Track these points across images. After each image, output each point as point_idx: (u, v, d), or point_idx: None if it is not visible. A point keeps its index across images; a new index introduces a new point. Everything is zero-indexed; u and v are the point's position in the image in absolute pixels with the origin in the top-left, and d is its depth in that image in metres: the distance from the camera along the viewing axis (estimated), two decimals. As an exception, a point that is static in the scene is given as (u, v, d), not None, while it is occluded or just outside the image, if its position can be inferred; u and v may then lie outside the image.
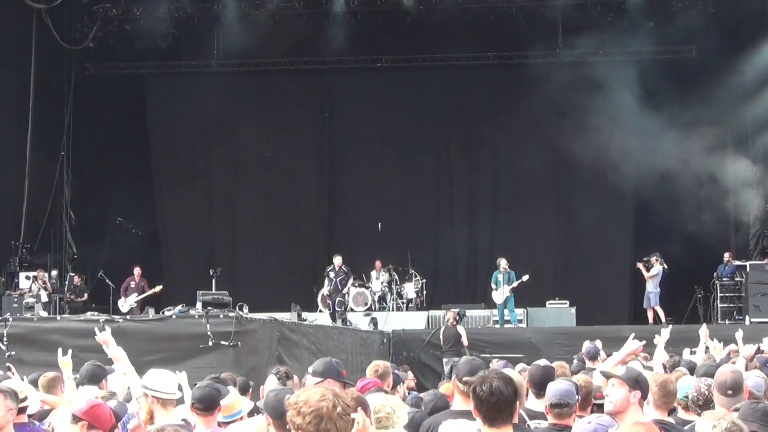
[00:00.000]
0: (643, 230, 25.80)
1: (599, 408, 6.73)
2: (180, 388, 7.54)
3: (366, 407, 6.53)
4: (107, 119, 27.66)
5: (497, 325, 22.96)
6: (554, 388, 6.50)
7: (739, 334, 13.39)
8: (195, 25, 27.08)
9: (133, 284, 23.07)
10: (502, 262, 22.96)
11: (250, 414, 7.05)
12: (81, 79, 27.49)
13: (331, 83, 28.34)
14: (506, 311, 22.86)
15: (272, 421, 5.64)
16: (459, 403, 6.22)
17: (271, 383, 7.32)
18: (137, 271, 23.30)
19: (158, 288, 22.69)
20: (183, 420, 7.13)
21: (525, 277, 22.61)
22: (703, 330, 12.95)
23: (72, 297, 23.66)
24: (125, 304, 22.54)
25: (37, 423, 7.15)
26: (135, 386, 7.49)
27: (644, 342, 7.80)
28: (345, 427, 3.81)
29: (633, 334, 8.01)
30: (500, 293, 22.80)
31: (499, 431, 4.93)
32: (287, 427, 3.97)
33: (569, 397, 6.41)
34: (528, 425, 6.46)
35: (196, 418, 6.98)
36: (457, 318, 20.77)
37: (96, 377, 8.61)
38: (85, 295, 24.37)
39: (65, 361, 8.16)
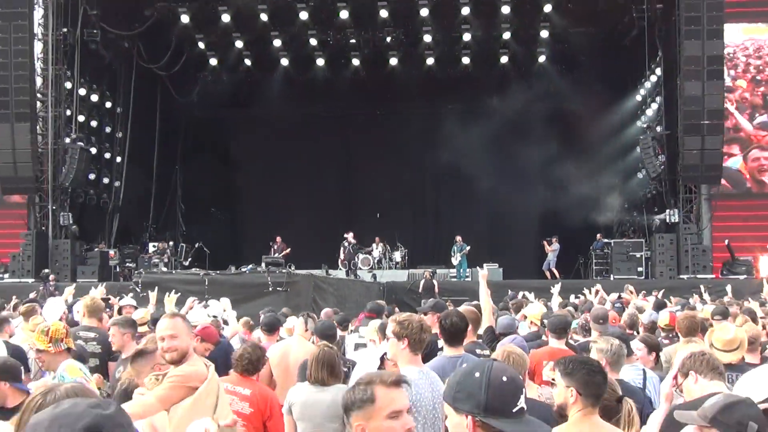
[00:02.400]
0: (546, 221, 25.77)
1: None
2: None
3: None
4: (206, 145, 27.72)
5: (453, 279, 23.02)
6: (502, 322, 6.42)
7: (630, 288, 12.99)
8: (260, 86, 27.04)
9: (275, 247, 22.46)
10: (458, 238, 23.03)
11: None
12: (189, 121, 27.70)
13: (347, 127, 28.18)
14: (461, 270, 22.94)
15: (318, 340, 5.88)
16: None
17: (292, 320, 7.31)
18: (278, 239, 22.66)
19: (288, 249, 22.17)
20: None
21: (466, 249, 22.70)
22: (600, 290, 12.13)
23: (159, 257, 22.89)
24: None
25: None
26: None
27: (487, 273, 6.63)
28: (425, 341, 3.82)
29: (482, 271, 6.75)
30: (455, 259, 22.93)
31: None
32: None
33: (511, 328, 6.29)
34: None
35: (262, 336, 7.13)
36: (432, 274, 20.78)
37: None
38: (167, 255, 23.06)
39: (171, 299, 8.12)
